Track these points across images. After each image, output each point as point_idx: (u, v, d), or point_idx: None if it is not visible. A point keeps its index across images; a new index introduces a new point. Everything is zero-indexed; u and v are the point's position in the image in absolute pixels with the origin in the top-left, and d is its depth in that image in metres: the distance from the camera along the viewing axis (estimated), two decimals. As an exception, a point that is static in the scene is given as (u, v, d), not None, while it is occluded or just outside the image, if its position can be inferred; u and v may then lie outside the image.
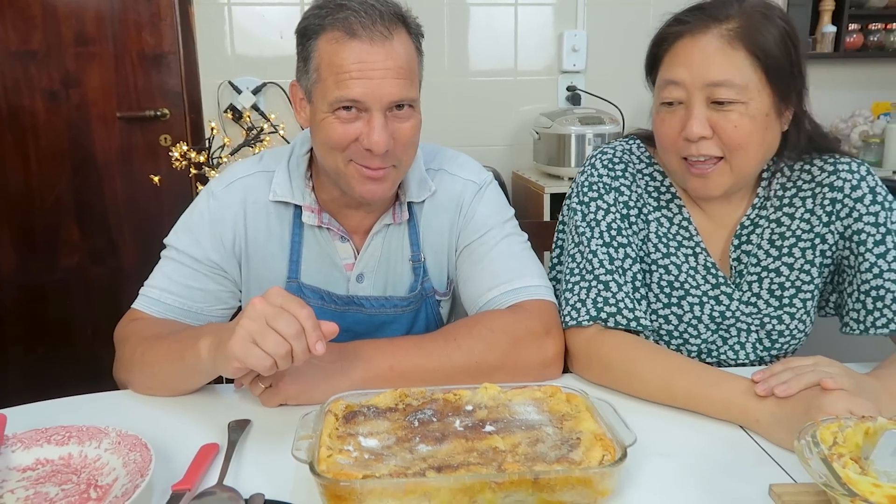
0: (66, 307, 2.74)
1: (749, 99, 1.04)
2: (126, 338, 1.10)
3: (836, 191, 1.15)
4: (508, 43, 2.83)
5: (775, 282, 1.17)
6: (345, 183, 1.10)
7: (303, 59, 1.08)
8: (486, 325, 1.08)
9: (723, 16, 1.05)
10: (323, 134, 1.07)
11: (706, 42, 1.04)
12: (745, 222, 1.19)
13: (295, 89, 1.12)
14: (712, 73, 1.03)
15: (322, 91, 1.05)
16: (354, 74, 1.02)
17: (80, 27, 2.56)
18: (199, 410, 1.02)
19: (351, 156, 1.07)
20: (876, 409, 0.86)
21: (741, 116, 1.04)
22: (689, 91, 1.05)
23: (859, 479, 0.67)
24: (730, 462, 0.87)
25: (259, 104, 2.64)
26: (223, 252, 1.16)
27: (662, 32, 1.11)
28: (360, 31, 1.01)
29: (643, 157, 1.23)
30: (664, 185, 1.21)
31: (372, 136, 1.03)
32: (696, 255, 1.18)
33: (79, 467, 0.84)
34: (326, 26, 1.03)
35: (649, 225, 1.19)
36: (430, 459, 0.78)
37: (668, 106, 1.09)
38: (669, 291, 1.18)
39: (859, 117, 2.94)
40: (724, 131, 1.05)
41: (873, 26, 2.99)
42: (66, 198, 2.67)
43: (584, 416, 0.86)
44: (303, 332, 0.86)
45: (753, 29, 1.03)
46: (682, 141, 1.08)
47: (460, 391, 0.93)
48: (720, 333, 1.19)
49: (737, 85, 1.03)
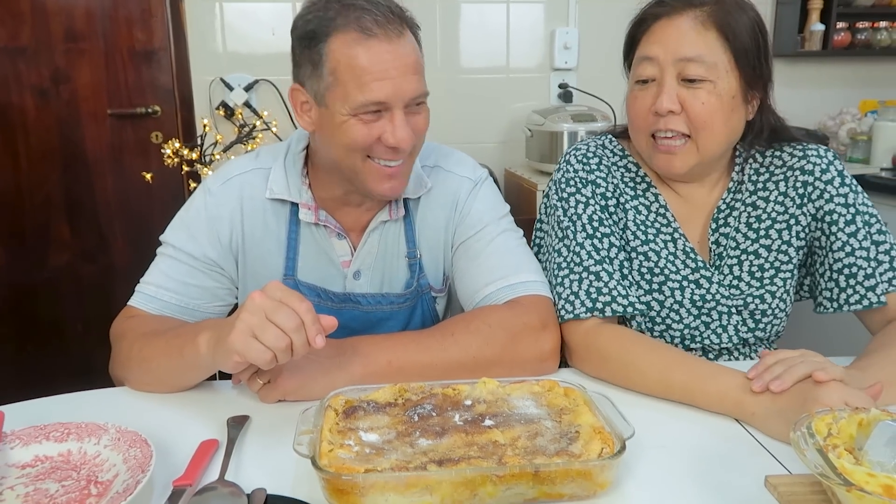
0: (56, 305, 2.72)
1: (717, 78, 1.09)
2: (122, 334, 1.10)
3: (807, 174, 1.20)
4: (500, 40, 2.84)
5: (755, 263, 1.21)
6: (361, 182, 1.10)
7: (311, 63, 1.05)
8: (484, 320, 1.09)
9: (698, 1, 1.11)
10: (343, 137, 1.05)
11: (681, 22, 1.11)
12: (722, 206, 1.22)
13: (297, 93, 1.09)
14: (684, 49, 1.09)
15: (341, 94, 1.03)
16: (377, 75, 1.01)
17: (70, 23, 2.54)
18: (197, 406, 1.02)
19: (370, 153, 1.07)
20: (870, 401, 0.87)
21: (709, 94, 1.10)
22: (662, 66, 1.11)
23: (854, 469, 0.68)
24: (726, 454, 0.88)
25: (251, 101, 2.63)
26: (220, 249, 1.16)
27: (642, 13, 1.17)
28: (375, 29, 1.01)
29: (616, 150, 1.27)
30: (639, 174, 1.25)
31: (397, 134, 1.05)
32: (675, 240, 1.22)
33: (78, 464, 0.83)
34: (338, 27, 1.01)
35: (627, 213, 1.22)
36: (430, 453, 0.78)
37: (642, 84, 1.15)
38: (650, 278, 1.21)
39: (847, 115, 2.97)
40: (692, 108, 1.10)
41: (861, 25, 3.02)
42: (57, 195, 2.66)
43: (582, 410, 0.87)
44: (302, 326, 0.87)
45: (726, 13, 1.10)
46: (652, 116, 1.13)
47: (459, 386, 0.94)
48: (702, 318, 1.21)
49: (707, 62, 1.09)
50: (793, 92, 3.06)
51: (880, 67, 3.14)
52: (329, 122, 1.06)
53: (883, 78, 3.13)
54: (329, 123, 1.06)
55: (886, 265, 1.16)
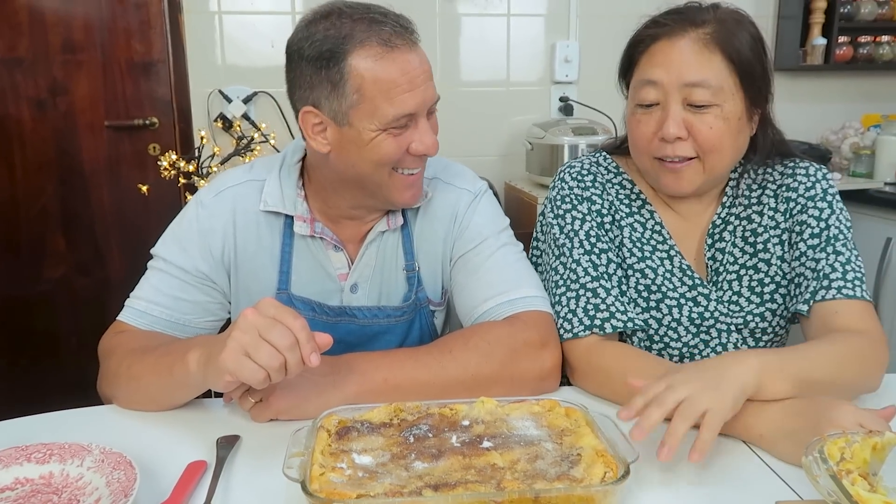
0: (51, 318, 2.69)
1: (724, 101, 1.07)
2: (111, 350, 1.07)
3: (792, 190, 1.18)
4: (501, 53, 2.83)
5: (754, 278, 1.18)
6: (385, 194, 1.09)
7: (329, 83, 1.01)
8: (483, 336, 1.06)
9: (699, 20, 1.08)
10: (372, 154, 1.04)
11: (683, 44, 1.07)
12: (717, 220, 1.21)
13: (309, 116, 1.05)
14: (690, 74, 1.06)
15: (369, 111, 1.01)
16: (405, 87, 1.00)
17: (68, 34, 2.53)
18: (186, 426, 0.99)
19: (397, 164, 1.06)
20: (884, 423, 0.84)
21: (716, 119, 1.07)
22: (667, 91, 1.08)
23: (870, 496, 0.65)
24: (733, 478, 0.85)
25: (249, 113, 2.61)
26: (212, 262, 1.14)
27: (639, 34, 1.13)
28: (396, 40, 1.00)
29: (610, 167, 1.25)
30: (634, 191, 1.23)
31: (426, 141, 1.06)
32: (671, 257, 1.19)
33: (60, 487, 0.80)
34: (359, 43, 0.99)
35: (623, 231, 1.20)
36: (426, 477, 0.75)
37: (645, 108, 1.11)
38: (647, 295, 1.18)
39: (850, 129, 2.95)
40: (700, 133, 1.07)
41: (863, 39, 3.01)
42: (53, 207, 2.63)
43: (584, 432, 0.84)
44: (297, 344, 0.84)
45: (729, 33, 1.07)
46: (658, 142, 1.10)
47: (456, 405, 0.91)
48: (701, 336, 1.19)
49: (713, 87, 1.06)
50: (795, 106, 3.05)
51: (883, 82, 3.13)
52: (354, 141, 1.04)
53: (886, 92, 3.12)
54: (354, 141, 1.04)
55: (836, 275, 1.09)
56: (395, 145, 1.04)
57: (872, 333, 1.05)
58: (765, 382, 0.89)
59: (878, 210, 2.57)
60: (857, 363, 1.00)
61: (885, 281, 2.51)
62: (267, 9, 2.60)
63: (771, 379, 0.90)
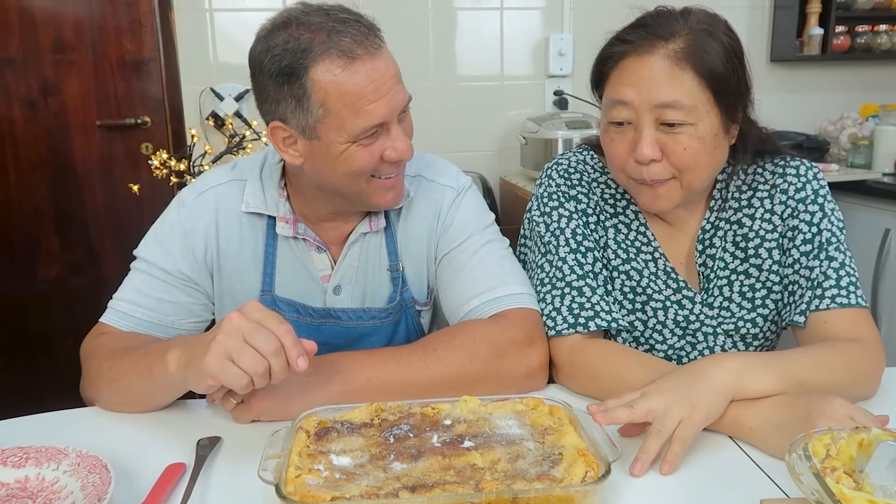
0: (45, 319, 2.68)
1: (698, 120, 1.02)
2: (93, 352, 1.06)
3: (783, 192, 1.15)
4: (494, 47, 2.80)
5: (745, 284, 1.16)
6: (365, 200, 1.08)
7: (293, 98, 0.98)
8: (468, 335, 1.04)
9: (668, 34, 1.02)
10: (344, 166, 1.02)
11: (653, 62, 1.01)
12: (706, 226, 1.18)
13: (278, 131, 1.02)
14: (661, 95, 1.01)
15: (336, 124, 0.98)
16: (372, 97, 0.97)
17: (59, 34, 2.52)
18: (167, 427, 0.98)
19: (373, 172, 1.04)
20: (874, 419, 0.83)
21: (690, 138, 1.02)
22: (639, 112, 1.03)
23: (854, 495, 0.64)
24: (719, 475, 0.84)
25: (241, 111, 2.60)
26: (194, 264, 1.12)
27: (606, 52, 1.08)
28: (357, 50, 0.96)
29: (596, 167, 1.22)
30: (619, 192, 1.20)
31: (399, 147, 1.02)
32: (655, 260, 1.18)
33: (35, 491, 0.80)
34: (318, 56, 0.96)
35: (608, 232, 1.18)
36: (404, 479, 0.74)
37: (618, 126, 1.07)
38: (633, 297, 1.17)
39: (848, 119, 2.93)
40: (674, 153, 1.03)
41: (860, 28, 2.98)
42: (46, 207, 2.62)
43: (566, 430, 0.83)
44: (282, 350, 0.83)
45: (700, 49, 1.01)
46: (633, 163, 1.06)
47: (439, 405, 0.90)
48: (687, 339, 1.18)
49: (686, 106, 1.01)
50: (792, 97, 3.02)
51: (881, 71, 3.10)
52: (325, 154, 1.01)
53: (884, 82, 3.09)
54: (325, 155, 1.02)
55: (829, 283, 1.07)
56: (368, 156, 1.01)
57: (867, 341, 1.02)
58: (746, 380, 0.89)
59: (876, 201, 2.54)
60: (847, 368, 0.97)
61: (883, 272, 2.49)
62: (258, 5, 2.59)
63: (752, 375, 0.89)
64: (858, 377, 0.99)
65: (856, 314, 1.06)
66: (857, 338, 1.03)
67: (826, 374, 0.94)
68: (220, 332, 0.83)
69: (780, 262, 1.15)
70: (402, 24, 2.69)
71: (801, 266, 1.11)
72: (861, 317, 1.06)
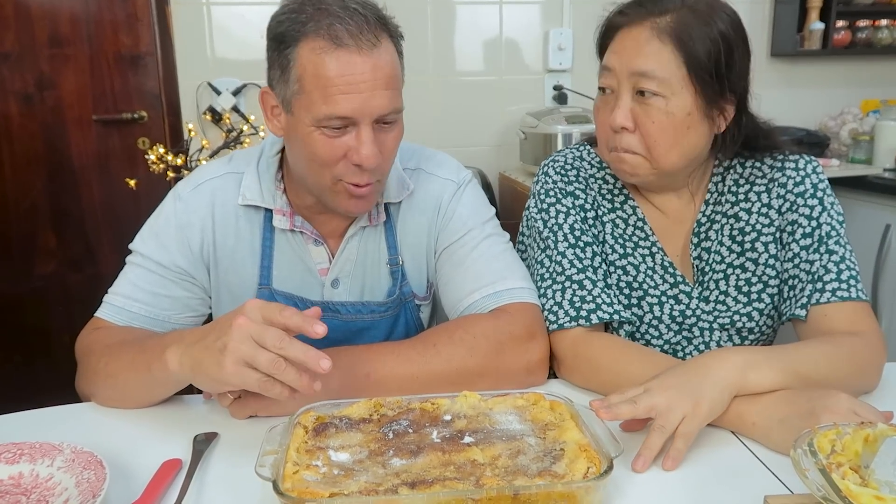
0: (43, 315, 2.67)
1: (670, 94, 1.03)
2: (88, 347, 1.05)
3: (781, 186, 1.15)
4: (494, 42, 2.79)
5: (742, 278, 1.16)
6: (329, 199, 1.06)
7: (279, 66, 0.99)
8: (467, 329, 1.03)
9: (660, 10, 1.04)
10: (307, 150, 1.00)
11: (638, 33, 1.05)
12: (702, 219, 1.18)
13: (268, 97, 1.03)
14: (638, 62, 1.04)
15: (306, 104, 0.97)
16: (343, 88, 0.95)
17: (54, 28, 2.50)
18: (164, 422, 0.97)
19: (339, 174, 1.01)
20: (879, 414, 0.82)
21: (659, 112, 1.04)
22: (619, 78, 1.06)
23: (861, 491, 0.63)
24: (722, 472, 0.83)
25: (239, 106, 2.59)
26: (191, 257, 1.11)
27: (606, 22, 1.12)
28: (346, 39, 0.95)
29: (594, 162, 1.22)
30: (616, 186, 1.20)
31: (362, 151, 0.98)
32: (653, 254, 1.17)
33: (29, 487, 0.78)
34: (308, 33, 0.95)
35: (605, 227, 1.18)
36: (403, 475, 0.73)
37: (602, 93, 1.11)
38: (629, 292, 1.16)
39: (848, 115, 2.92)
40: (644, 125, 1.06)
41: (861, 23, 2.97)
42: (42, 203, 2.61)
43: (568, 426, 0.82)
44: (295, 340, 0.82)
45: (685, 27, 1.03)
46: (610, 131, 1.09)
47: (438, 400, 0.88)
48: (683, 334, 1.17)
49: (658, 77, 1.03)
50: (793, 92, 3.02)
51: (882, 66, 3.09)
52: (294, 131, 1.01)
53: (884, 77, 3.09)
54: (294, 132, 1.01)
55: (830, 277, 1.07)
56: (329, 148, 0.99)
57: (868, 334, 1.02)
58: (750, 375, 0.88)
59: (877, 196, 2.54)
60: (848, 362, 0.96)
61: (884, 267, 2.49)
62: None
63: (757, 369, 0.88)
64: (860, 370, 0.99)
65: (856, 308, 1.05)
66: (858, 331, 1.02)
67: (828, 368, 0.93)
68: (231, 339, 0.81)
69: (776, 257, 1.15)
70: (400, 19, 2.64)
71: (802, 260, 1.10)
72: (862, 310, 1.05)
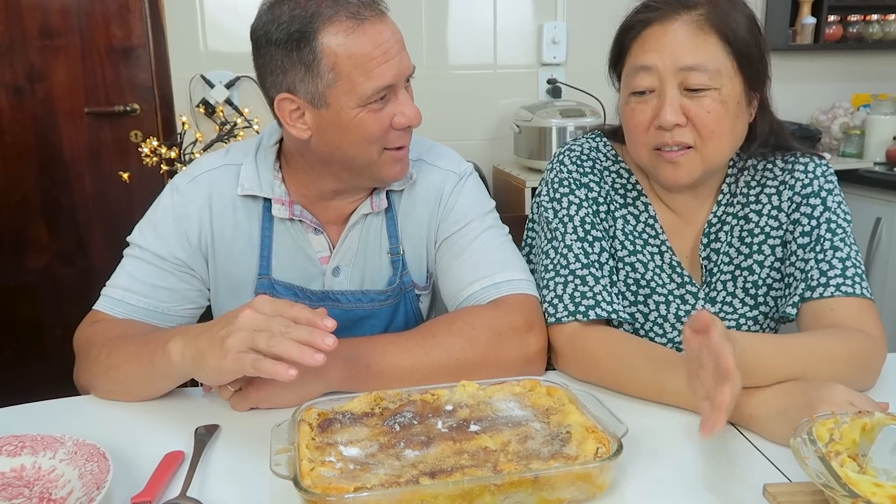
0: (35, 309, 2.65)
1: (721, 85, 1.03)
2: (88, 340, 1.04)
3: (790, 189, 1.15)
4: (488, 35, 2.79)
5: (749, 280, 1.16)
6: (376, 172, 1.07)
7: (303, 65, 0.98)
8: (467, 321, 1.04)
9: (690, 3, 1.04)
10: (355, 133, 1.01)
11: (677, 27, 1.03)
12: (713, 220, 1.17)
13: (285, 103, 1.01)
14: (685, 58, 1.02)
15: (346, 88, 0.98)
16: (380, 59, 0.98)
17: (45, 19, 2.47)
18: (164, 415, 0.97)
19: (385, 143, 1.04)
20: (874, 404, 0.83)
21: (714, 102, 1.03)
22: (662, 77, 1.04)
23: (860, 478, 0.64)
24: (721, 461, 0.83)
25: (232, 98, 2.57)
26: (189, 249, 1.11)
27: (630, 20, 1.09)
28: (365, 12, 0.97)
29: (609, 154, 1.21)
30: (630, 182, 1.19)
31: (408, 112, 1.03)
32: (662, 253, 1.17)
33: (31, 480, 0.78)
34: (325, 22, 0.96)
35: (616, 222, 1.18)
36: (420, 465, 0.73)
37: (639, 95, 1.07)
38: (636, 289, 1.16)
39: (839, 109, 2.94)
40: (698, 117, 1.03)
41: (852, 17, 2.99)
42: (34, 196, 2.59)
43: (569, 409, 0.83)
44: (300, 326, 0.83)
45: (724, 14, 1.03)
46: (655, 130, 1.06)
47: (438, 391, 0.89)
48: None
49: (710, 70, 1.02)
50: (784, 86, 2.99)
51: (872, 61, 3.11)
52: (334, 122, 1.01)
53: (875, 71, 3.10)
54: (334, 123, 1.01)
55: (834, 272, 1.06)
56: (378, 122, 1.01)
57: (871, 332, 1.01)
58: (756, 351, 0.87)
59: (867, 190, 2.56)
60: (850, 358, 0.96)
61: (874, 261, 2.51)
62: (248, -9, 2.56)
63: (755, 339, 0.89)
64: (862, 368, 0.98)
65: (861, 305, 1.04)
66: (863, 328, 1.01)
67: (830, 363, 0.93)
68: (235, 327, 0.82)
69: (781, 259, 1.15)
70: (393, 12, 2.66)
71: (797, 258, 1.11)
72: (866, 308, 1.05)
